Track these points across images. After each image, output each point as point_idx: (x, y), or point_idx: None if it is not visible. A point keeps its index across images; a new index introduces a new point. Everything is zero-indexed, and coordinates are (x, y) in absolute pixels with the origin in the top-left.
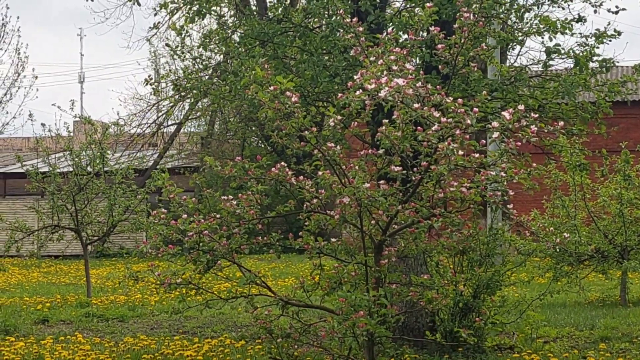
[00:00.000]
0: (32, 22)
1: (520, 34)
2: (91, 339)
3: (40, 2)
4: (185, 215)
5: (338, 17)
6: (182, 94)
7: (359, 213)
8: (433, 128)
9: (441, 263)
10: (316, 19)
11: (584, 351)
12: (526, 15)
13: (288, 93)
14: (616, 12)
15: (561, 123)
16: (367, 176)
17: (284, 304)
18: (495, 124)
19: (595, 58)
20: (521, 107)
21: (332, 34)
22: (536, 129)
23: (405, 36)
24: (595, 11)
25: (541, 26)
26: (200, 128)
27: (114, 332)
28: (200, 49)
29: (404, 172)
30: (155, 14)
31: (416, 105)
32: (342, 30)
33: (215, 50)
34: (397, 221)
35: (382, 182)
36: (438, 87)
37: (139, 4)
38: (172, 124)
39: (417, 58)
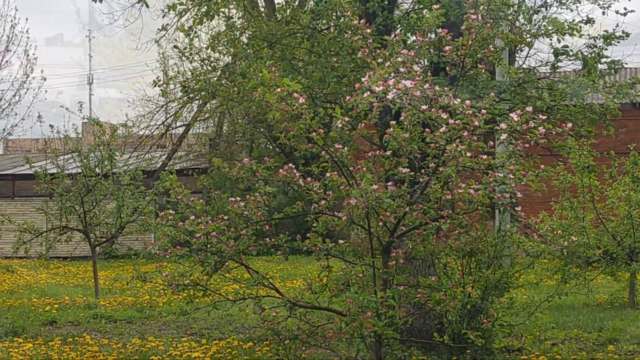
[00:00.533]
0: (39, 23)
1: (528, 35)
2: (99, 340)
3: (49, 3)
4: (193, 217)
5: (346, 19)
6: (191, 95)
7: (366, 215)
8: (441, 130)
9: (449, 265)
10: (324, 21)
11: (592, 353)
12: (534, 17)
13: (295, 95)
14: (624, 14)
15: (569, 125)
16: (375, 178)
17: (292, 306)
18: (503, 125)
19: (603, 60)
20: (529, 108)
21: (340, 36)
22: (544, 130)
23: (413, 38)
24: (603, 13)
25: (549, 28)
26: (208, 129)
27: (122, 334)
28: (209, 51)
29: (412, 173)
30: (163, 16)
31: (424, 107)
32: (350, 32)
33: (224, 52)
34: (405, 223)
35: (389, 183)
36: (446, 88)
37: (147, 6)
38: (180, 126)
39: (425, 60)
